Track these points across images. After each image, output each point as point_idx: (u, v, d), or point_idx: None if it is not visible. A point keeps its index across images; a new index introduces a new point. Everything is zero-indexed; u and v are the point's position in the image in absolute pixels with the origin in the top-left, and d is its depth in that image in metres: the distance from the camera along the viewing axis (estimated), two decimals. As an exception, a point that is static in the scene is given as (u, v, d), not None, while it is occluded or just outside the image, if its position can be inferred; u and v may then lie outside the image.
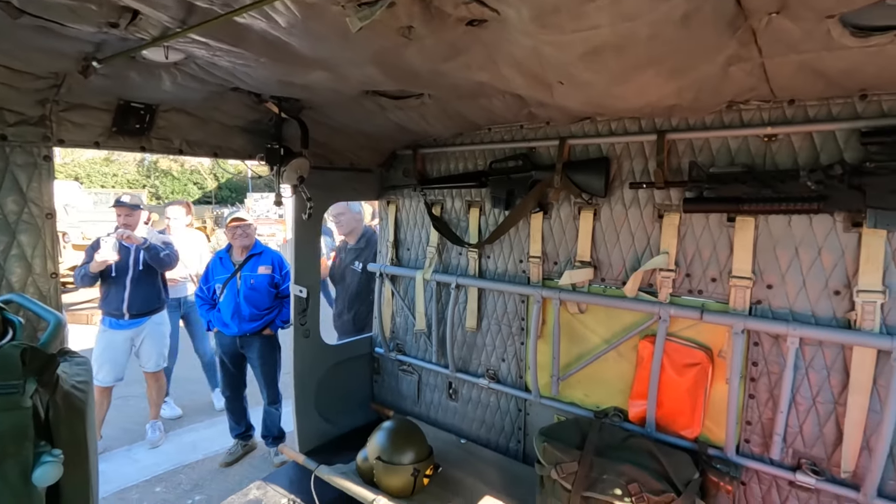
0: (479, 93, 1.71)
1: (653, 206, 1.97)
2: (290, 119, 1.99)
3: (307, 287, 2.58)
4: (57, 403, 0.88)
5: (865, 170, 1.50)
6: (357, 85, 1.59)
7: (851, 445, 1.62)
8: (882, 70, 1.27)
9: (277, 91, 1.69)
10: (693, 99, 1.54)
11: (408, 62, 1.23)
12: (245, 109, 1.87)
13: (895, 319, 1.55)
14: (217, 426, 4.89)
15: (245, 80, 1.54)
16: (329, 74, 1.37)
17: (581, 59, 1.10)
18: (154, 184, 25.40)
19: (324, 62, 1.24)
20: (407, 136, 2.51)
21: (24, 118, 1.39)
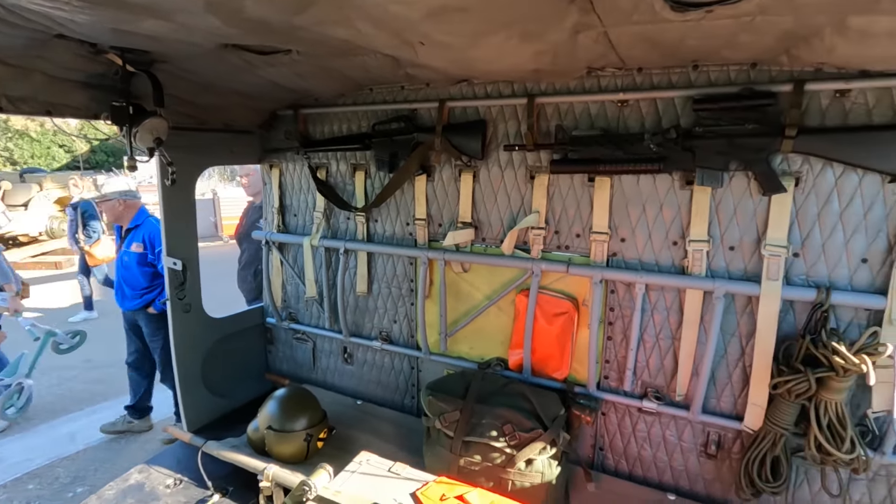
0: (350, 51, 1.65)
1: (525, 168, 2.07)
2: (141, 73, 1.79)
3: (182, 259, 2.41)
4: None
5: (695, 133, 1.69)
6: (209, 37, 1.46)
7: (684, 373, 1.90)
8: (702, 43, 1.42)
9: (115, 40, 1.50)
10: (551, 63, 1.62)
11: (251, 13, 1.14)
12: (80, 61, 1.64)
13: (717, 265, 1.80)
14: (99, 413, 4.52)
15: (68, 26, 1.34)
16: (167, 24, 1.24)
17: (428, 19, 1.11)
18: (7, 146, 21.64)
19: (152, 8, 1.12)
20: (286, 95, 2.38)
21: None
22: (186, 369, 2.57)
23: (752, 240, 1.73)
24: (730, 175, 1.72)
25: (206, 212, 13.24)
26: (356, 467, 1.57)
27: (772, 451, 1.72)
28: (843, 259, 1.62)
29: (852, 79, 1.49)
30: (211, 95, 2.20)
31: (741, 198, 1.73)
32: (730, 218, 1.75)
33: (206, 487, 2.12)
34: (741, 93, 1.62)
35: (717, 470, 1.94)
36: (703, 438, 1.94)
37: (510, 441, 1.83)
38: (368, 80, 2.20)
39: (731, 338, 1.82)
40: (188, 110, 2.24)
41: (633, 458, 2.09)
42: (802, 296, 1.65)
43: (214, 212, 13.08)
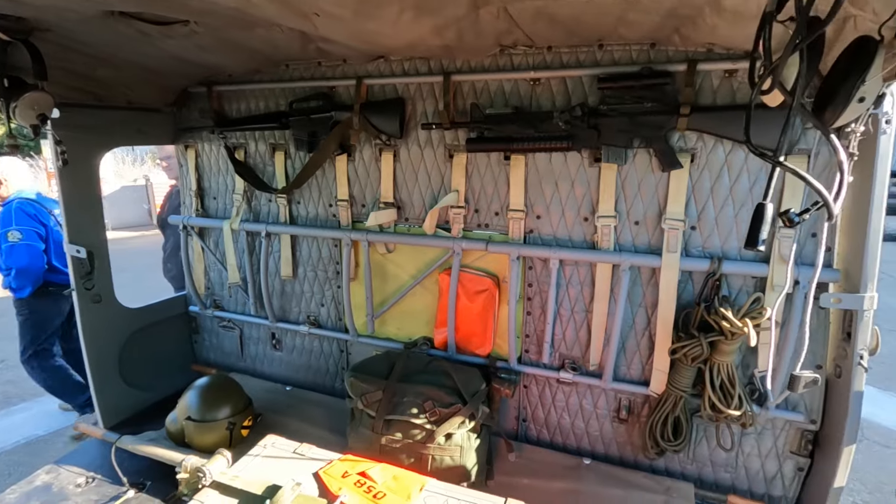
0: (249, 22, 1.57)
1: (444, 147, 2.07)
2: (17, 43, 1.63)
3: (86, 246, 2.26)
4: None
5: (601, 112, 1.74)
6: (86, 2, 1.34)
7: (597, 344, 1.98)
8: (597, 20, 1.46)
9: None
10: (457, 39, 1.61)
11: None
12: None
13: (624, 239, 1.88)
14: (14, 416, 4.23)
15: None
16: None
17: None
18: None
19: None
20: (195, 71, 2.25)
21: None
22: (100, 363, 2.43)
23: (654, 214, 1.82)
24: (633, 152, 1.79)
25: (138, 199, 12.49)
26: (259, 451, 1.54)
27: (673, 413, 1.84)
28: (733, 231, 1.73)
29: (738, 59, 1.57)
30: (109, 69, 2.05)
31: (644, 174, 1.80)
32: (634, 194, 1.83)
33: (121, 484, 2.03)
34: (641, 72, 1.67)
35: (629, 433, 2.05)
36: (615, 405, 2.05)
37: (430, 417, 1.85)
38: (282, 57, 2.12)
39: (638, 308, 1.92)
40: (85, 85, 2.08)
41: (553, 427, 2.18)
42: (698, 266, 1.75)
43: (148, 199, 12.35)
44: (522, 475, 1.99)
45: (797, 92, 0.78)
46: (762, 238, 0.83)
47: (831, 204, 0.79)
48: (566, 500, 1.83)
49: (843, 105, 0.82)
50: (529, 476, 1.98)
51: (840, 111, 0.83)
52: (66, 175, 2.12)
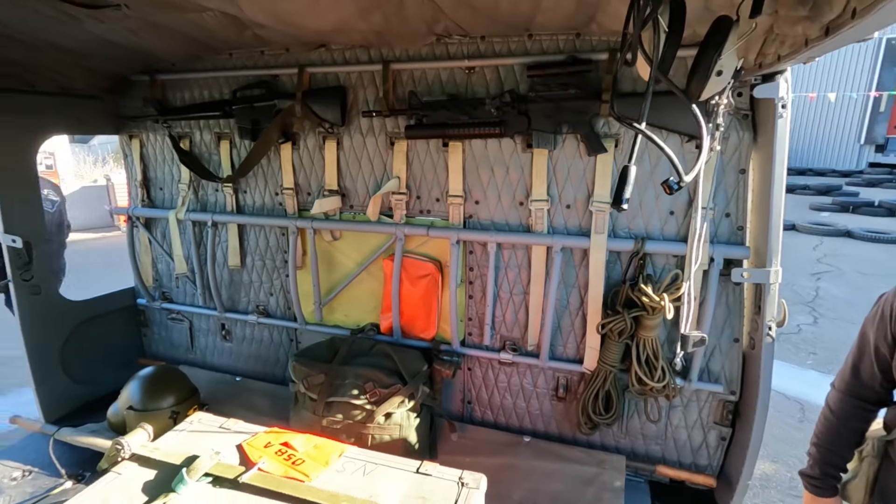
0: (177, 6, 1.58)
1: (385, 134, 2.11)
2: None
3: (23, 235, 2.21)
4: None
5: (529, 98, 1.81)
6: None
7: (534, 324, 2.05)
8: (514, 8, 1.52)
9: None
10: (385, 24, 1.65)
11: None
12: None
13: (557, 222, 1.95)
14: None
15: None
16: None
17: None
18: None
19: None
20: (130, 56, 2.22)
21: None
22: (40, 356, 2.38)
23: (583, 197, 1.89)
24: (562, 138, 1.86)
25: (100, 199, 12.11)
26: (185, 426, 1.55)
27: (603, 388, 1.92)
28: (654, 212, 1.83)
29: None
30: (34, 53, 2.01)
31: (573, 159, 1.88)
32: (565, 178, 1.90)
33: (59, 476, 1.99)
34: (565, 60, 1.75)
35: (567, 411, 2.13)
36: (553, 383, 2.12)
37: (370, 398, 1.89)
38: (220, 44, 2.12)
39: (572, 289, 1.99)
40: (8, 69, 2.03)
41: (496, 407, 2.24)
42: (624, 246, 1.84)
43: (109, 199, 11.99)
44: (464, 454, 2.04)
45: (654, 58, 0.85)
46: (625, 197, 0.89)
47: (679, 167, 0.86)
48: (502, 474, 1.89)
49: (703, 78, 0.90)
50: (471, 454, 2.04)
51: (702, 84, 0.91)
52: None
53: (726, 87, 0.93)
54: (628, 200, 0.90)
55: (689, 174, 0.85)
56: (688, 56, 1.62)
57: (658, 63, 0.87)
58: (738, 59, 0.89)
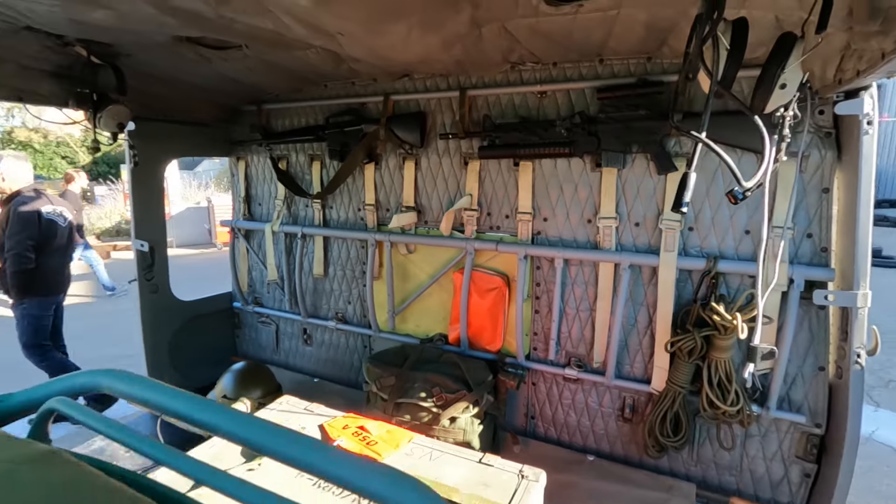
0: (287, 44, 1.84)
1: (460, 155, 2.26)
2: (105, 65, 1.99)
3: (149, 241, 2.59)
4: None
5: (599, 119, 1.88)
6: (155, 27, 1.65)
7: (600, 341, 2.06)
8: (587, 35, 1.62)
9: (74, 31, 1.70)
10: (465, 54, 1.81)
11: (182, 3, 1.34)
12: (48, 51, 1.84)
13: (625, 240, 1.98)
14: None
15: (32, 18, 1.54)
16: (112, 13, 1.43)
17: (317, 7, 1.30)
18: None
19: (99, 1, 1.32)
20: (245, 91, 2.58)
21: None
22: (155, 348, 2.73)
23: (653, 215, 1.91)
24: (632, 157, 1.90)
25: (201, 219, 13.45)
26: (276, 406, 1.73)
27: (671, 409, 1.88)
28: (729, 231, 1.80)
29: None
30: (171, 88, 2.40)
31: (642, 178, 1.91)
32: (634, 196, 1.93)
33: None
34: (636, 83, 1.81)
35: (633, 432, 2.09)
36: (619, 403, 2.10)
37: (437, 402, 1.98)
38: (319, 76, 2.40)
39: (640, 307, 1.99)
40: (152, 102, 2.44)
41: (560, 424, 2.25)
42: (695, 265, 1.82)
43: (209, 219, 13.28)
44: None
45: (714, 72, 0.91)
46: (685, 201, 0.94)
47: (737, 173, 0.90)
48: (563, 491, 1.89)
49: (767, 91, 0.94)
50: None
51: (766, 97, 0.95)
52: (136, 176, 2.47)
53: (791, 100, 0.96)
54: (688, 204, 0.95)
55: (750, 181, 0.89)
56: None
57: (720, 78, 0.93)
58: (804, 73, 0.92)
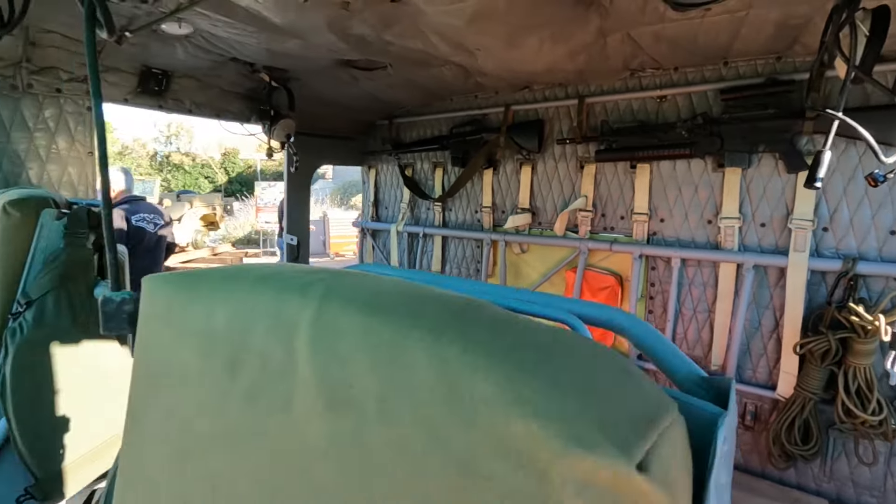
0: (427, 61, 2.13)
1: (576, 159, 2.39)
2: (280, 87, 2.43)
3: (297, 236, 3.03)
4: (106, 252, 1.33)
5: (723, 120, 1.91)
6: (327, 53, 2.01)
7: (719, 344, 2.04)
8: (713, 39, 1.68)
9: (267, 60, 2.13)
10: (588, 63, 1.95)
11: (357, 31, 1.65)
12: (241, 78, 2.31)
13: (749, 240, 1.95)
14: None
15: (240, 51, 1.97)
16: (302, 42, 1.80)
17: (470, 25, 1.52)
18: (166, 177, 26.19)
19: (294, 31, 1.67)
20: (381, 107, 2.94)
21: (73, 76, 1.84)
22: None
23: (781, 215, 1.87)
24: (758, 157, 1.90)
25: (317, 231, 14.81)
26: None
27: (801, 416, 1.80)
28: (871, 232, 1.72)
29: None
30: (324, 107, 2.82)
31: (770, 178, 1.89)
32: (760, 196, 1.91)
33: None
34: (764, 82, 1.82)
35: (755, 441, 2.01)
36: (740, 409, 2.04)
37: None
38: (446, 91, 2.68)
39: (765, 310, 1.94)
40: (308, 119, 2.88)
41: (672, 428, 2.22)
42: (829, 266, 1.76)
43: (325, 231, 14.56)
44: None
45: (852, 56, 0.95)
46: (819, 177, 0.99)
47: (878, 151, 0.93)
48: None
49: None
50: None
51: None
52: (292, 180, 2.92)
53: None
54: (822, 180, 1.00)
55: (891, 157, 0.92)
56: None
57: (858, 62, 0.98)
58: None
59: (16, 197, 1.24)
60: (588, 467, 0.26)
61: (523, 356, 0.32)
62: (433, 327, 0.34)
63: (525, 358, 0.32)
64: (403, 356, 0.33)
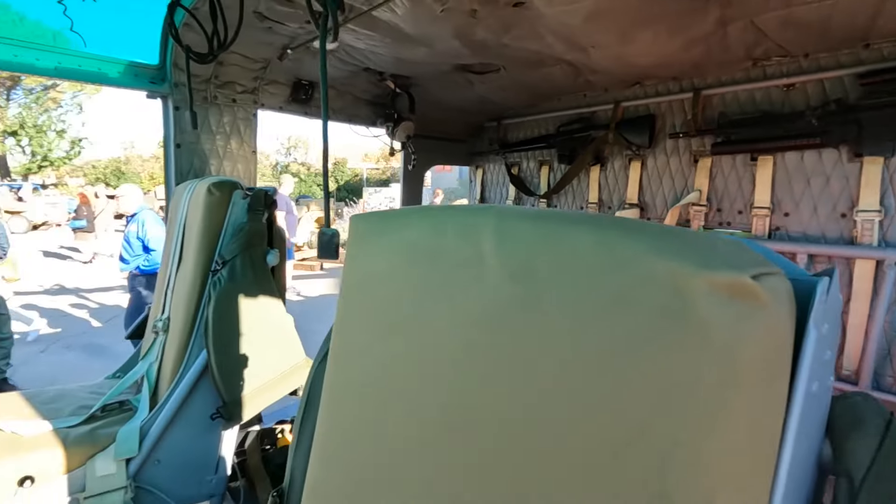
0: (539, 62, 2.25)
1: (689, 153, 2.35)
2: (402, 93, 2.71)
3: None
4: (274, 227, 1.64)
5: (862, 106, 1.79)
6: (448, 59, 2.22)
7: (853, 347, 1.89)
8: (850, 19, 1.60)
9: (394, 68, 2.39)
10: (706, 54, 1.94)
11: (479, 36, 1.83)
12: (371, 85, 2.62)
13: (892, 235, 1.80)
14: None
15: (373, 60, 2.25)
16: (429, 50, 2.02)
17: (586, 22, 1.61)
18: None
19: (424, 39, 1.89)
20: (491, 108, 3.11)
21: (245, 89, 2.25)
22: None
23: (933, 208, 1.71)
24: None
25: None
26: None
27: (955, 429, 1.61)
28: None
29: None
30: (438, 111, 3.06)
31: (919, 166, 1.73)
32: (906, 187, 1.76)
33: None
34: (913, 63, 1.68)
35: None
36: (877, 420, 1.87)
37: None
38: (555, 91, 2.77)
39: (911, 312, 1.77)
40: (423, 122, 3.14)
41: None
42: None
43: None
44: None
45: None
46: None
47: None
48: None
49: None
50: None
51: None
52: (407, 178, 3.20)
53: None
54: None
55: None
56: None
57: None
58: None
59: (216, 181, 1.59)
60: (714, 280, 0.37)
61: (667, 231, 0.44)
62: (594, 221, 0.47)
63: (668, 232, 0.44)
64: (570, 238, 0.46)
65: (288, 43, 2.06)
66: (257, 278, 1.51)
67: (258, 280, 1.51)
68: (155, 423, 1.47)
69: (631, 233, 0.43)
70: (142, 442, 1.44)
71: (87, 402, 1.61)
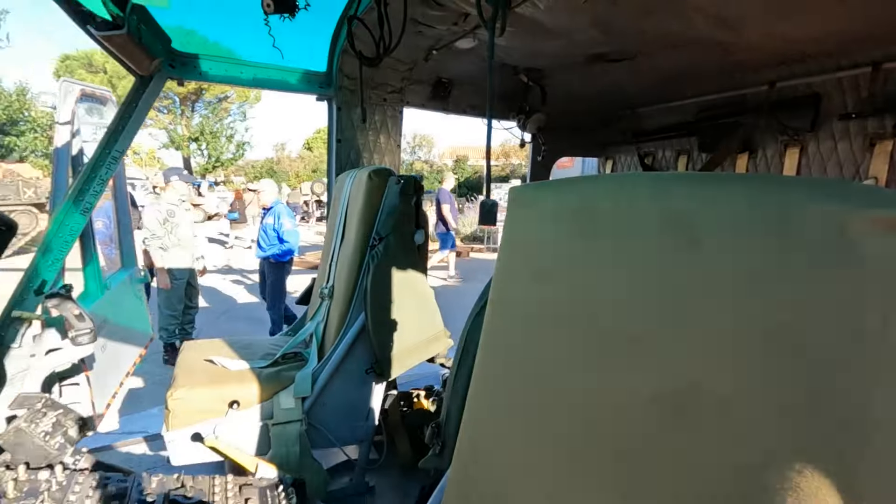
0: (680, 45, 2.16)
1: (863, 136, 2.08)
2: (535, 86, 2.78)
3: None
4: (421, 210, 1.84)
5: None
6: (583, 48, 2.24)
7: None
8: None
9: (528, 62, 2.48)
10: (887, 20, 1.71)
11: (616, 23, 1.83)
12: (505, 80, 2.73)
13: None
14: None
15: (511, 55, 2.36)
16: (564, 41, 2.07)
17: None
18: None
19: (561, 32, 1.95)
20: (624, 97, 3.04)
21: (394, 89, 2.52)
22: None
23: None
24: None
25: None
26: None
27: None
28: None
29: None
30: (568, 101, 3.07)
31: None
32: None
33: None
34: None
35: None
36: None
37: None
38: (696, 75, 2.61)
39: None
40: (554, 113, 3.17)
41: None
42: None
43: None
44: None
45: None
46: None
47: None
48: None
49: None
50: None
51: None
52: (536, 168, 3.27)
53: None
54: None
55: None
56: None
57: None
58: None
59: (375, 169, 1.84)
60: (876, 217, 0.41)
61: (816, 181, 0.49)
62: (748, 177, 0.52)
63: (816, 182, 0.48)
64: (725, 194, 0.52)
65: (433, 45, 2.26)
66: (407, 254, 1.72)
67: (408, 256, 1.72)
68: (323, 371, 1.76)
69: (785, 184, 0.48)
70: (313, 385, 1.74)
71: (270, 351, 1.98)
